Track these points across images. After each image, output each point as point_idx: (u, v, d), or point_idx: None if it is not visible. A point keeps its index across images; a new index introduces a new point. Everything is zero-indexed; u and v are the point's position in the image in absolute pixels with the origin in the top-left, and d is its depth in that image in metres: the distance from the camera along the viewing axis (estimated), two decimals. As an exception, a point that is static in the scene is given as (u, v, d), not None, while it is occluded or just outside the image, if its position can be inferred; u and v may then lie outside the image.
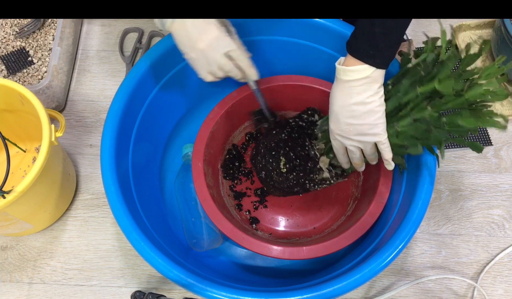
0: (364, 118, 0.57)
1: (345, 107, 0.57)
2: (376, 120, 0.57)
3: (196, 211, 0.75)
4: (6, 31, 0.92)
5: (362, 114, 0.57)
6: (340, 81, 0.57)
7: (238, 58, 0.62)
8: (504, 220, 0.80)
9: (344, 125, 0.59)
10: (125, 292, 0.75)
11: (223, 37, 0.59)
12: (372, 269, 0.58)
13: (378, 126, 0.57)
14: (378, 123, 0.57)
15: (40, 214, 0.74)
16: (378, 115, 0.57)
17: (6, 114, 0.76)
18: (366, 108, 0.56)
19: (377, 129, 0.58)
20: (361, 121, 0.57)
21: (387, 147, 0.60)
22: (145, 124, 0.75)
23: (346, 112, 0.57)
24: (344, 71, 0.55)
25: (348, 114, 0.57)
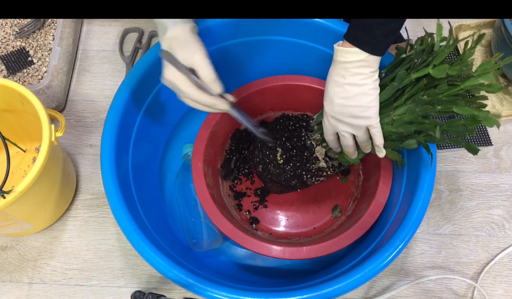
0: (357, 100, 0.57)
1: (339, 88, 0.58)
2: (368, 103, 0.57)
3: (196, 211, 0.75)
4: (6, 31, 0.92)
5: (355, 96, 0.57)
6: (336, 62, 0.58)
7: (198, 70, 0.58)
8: (504, 220, 0.80)
9: (337, 106, 0.59)
10: (125, 292, 0.75)
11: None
12: (372, 269, 0.58)
13: (370, 109, 0.58)
14: (371, 106, 0.58)
15: (40, 214, 0.74)
16: (371, 98, 0.57)
17: (6, 114, 0.76)
18: (359, 89, 0.57)
19: (369, 112, 0.58)
20: (353, 103, 0.58)
21: (378, 132, 0.60)
22: (145, 124, 0.75)
23: (340, 93, 0.58)
24: (341, 52, 0.56)
25: (341, 95, 0.58)
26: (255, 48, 0.79)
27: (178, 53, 0.57)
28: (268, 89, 0.78)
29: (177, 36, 0.58)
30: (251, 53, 0.80)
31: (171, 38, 0.58)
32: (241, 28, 0.75)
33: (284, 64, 0.81)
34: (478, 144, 0.86)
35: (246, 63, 0.82)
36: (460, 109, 0.56)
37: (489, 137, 0.86)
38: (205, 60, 0.58)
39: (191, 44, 0.58)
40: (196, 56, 0.57)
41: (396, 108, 0.60)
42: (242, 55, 0.80)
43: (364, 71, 0.56)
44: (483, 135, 0.86)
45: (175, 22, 0.58)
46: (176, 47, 0.58)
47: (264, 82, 0.78)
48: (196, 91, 0.58)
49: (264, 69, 0.81)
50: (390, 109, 0.60)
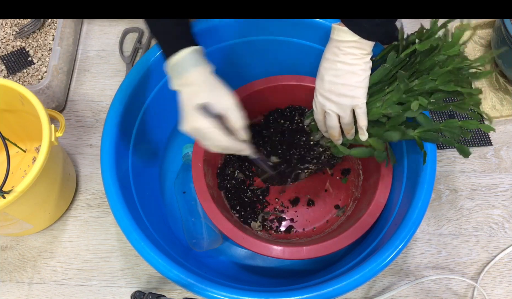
0: (346, 78, 0.58)
1: (330, 65, 0.60)
2: (357, 83, 0.58)
3: (196, 211, 0.75)
4: (6, 31, 0.92)
5: (344, 74, 0.58)
6: (332, 40, 0.60)
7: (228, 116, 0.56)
8: (504, 220, 0.80)
9: (327, 83, 0.60)
10: (125, 292, 0.75)
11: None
12: (372, 269, 0.58)
13: (358, 89, 0.59)
14: (359, 86, 0.59)
15: (40, 214, 0.74)
16: (360, 78, 0.58)
17: (6, 114, 0.76)
18: (349, 68, 0.58)
19: (356, 92, 0.59)
20: (342, 81, 0.59)
21: (363, 113, 0.60)
22: (145, 124, 0.75)
23: (331, 70, 0.60)
24: (337, 31, 0.58)
25: (332, 72, 0.59)
26: (255, 48, 0.79)
27: (209, 98, 0.55)
28: (268, 89, 0.78)
29: (200, 80, 0.55)
30: (251, 53, 0.80)
31: (192, 82, 0.55)
32: (242, 28, 0.75)
33: (284, 64, 0.81)
34: (478, 144, 0.86)
35: (246, 63, 0.82)
36: (446, 86, 0.57)
37: (489, 137, 0.86)
38: (236, 106, 0.56)
39: (220, 88, 0.56)
40: (227, 102, 0.56)
41: (388, 94, 0.61)
42: (243, 55, 0.80)
43: (355, 52, 0.57)
44: (483, 135, 0.86)
45: (195, 63, 0.55)
46: (204, 92, 0.55)
47: (264, 82, 0.78)
48: (227, 139, 0.55)
49: (264, 69, 0.81)
50: (383, 94, 0.61)
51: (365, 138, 0.63)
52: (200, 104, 0.54)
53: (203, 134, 0.55)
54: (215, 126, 0.55)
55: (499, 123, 0.87)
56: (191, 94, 0.55)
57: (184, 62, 0.55)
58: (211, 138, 0.55)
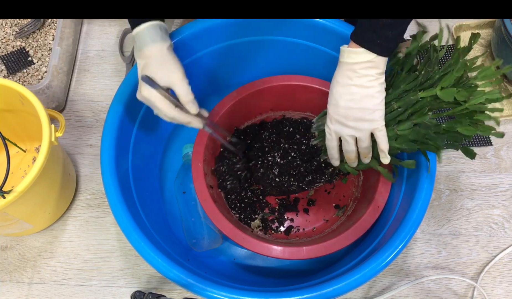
0: (363, 102, 0.56)
1: (345, 89, 0.57)
2: (375, 106, 0.57)
3: (196, 211, 0.75)
4: (6, 31, 0.92)
5: (361, 98, 0.56)
6: (342, 64, 0.57)
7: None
8: (504, 220, 0.80)
9: (343, 109, 0.58)
10: (125, 292, 0.75)
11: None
12: (372, 269, 0.58)
13: (376, 112, 0.57)
14: (377, 109, 0.57)
15: (40, 214, 0.74)
16: (377, 101, 0.57)
17: (6, 114, 0.76)
18: (366, 91, 0.56)
19: (375, 115, 0.57)
20: (359, 105, 0.57)
21: (383, 136, 0.59)
22: (145, 124, 0.75)
23: (346, 95, 0.57)
24: (348, 53, 0.56)
25: (347, 97, 0.57)
26: (256, 48, 0.79)
27: (156, 72, 0.58)
28: (268, 89, 0.78)
29: (154, 55, 0.58)
30: (251, 53, 0.80)
31: (147, 56, 0.59)
32: (242, 28, 0.75)
33: (285, 64, 0.81)
34: (478, 144, 0.86)
35: (246, 63, 0.82)
36: (464, 128, 0.56)
37: (489, 137, 0.86)
38: (183, 80, 0.59)
39: (169, 63, 0.59)
40: (173, 76, 0.58)
41: (400, 123, 0.60)
42: (243, 55, 0.80)
43: (371, 73, 0.55)
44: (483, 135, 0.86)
45: (153, 39, 0.58)
46: (153, 66, 0.58)
47: (264, 82, 0.78)
48: (172, 110, 0.59)
49: (264, 69, 0.81)
50: (394, 122, 0.60)
51: (388, 161, 0.61)
52: (146, 76, 0.58)
53: (152, 104, 0.59)
54: (162, 97, 0.58)
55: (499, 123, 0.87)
56: (143, 66, 0.59)
57: (143, 35, 0.59)
58: (158, 107, 0.59)
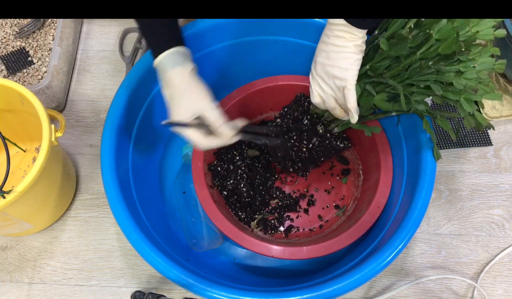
0: (336, 61, 0.59)
1: (323, 47, 0.61)
2: (347, 65, 0.58)
3: (196, 211, 0.75)
4: (6, 31, 0.92)
5: (335, 56, 0.59)
6: (327, 23, 0.60)
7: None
8: (504, 220, 0.80)
9: (319, 65, 0.61)
10: (125, 292, 0.75)
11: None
12: (372, 269, 0.58)
13: (348, 71, 0.59)
14: (349, 68, 0.59)
15: (40, 214, 0.74)
16: (350, 61, 0.58)
17: (6, 114, 0.76)
18: (339, 50, 0.58)
19: (346, 74, 0.59)
20: (332, 62, 0.59)
21: (352, 95, 0.60)
22: (145, 124, 0.75)
23: (323, 52, 0.60)
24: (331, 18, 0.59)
25: (324, 55, 0.60)
26: (255, 48, 0.79)
27: (183, 102, 0.58)
28: (268, 89, 0.78)
29: (178, 83, 0.58)
30: (251, 53, 0.80)
31: (171, 84, 0.58)
32: (242, 28, 0.75)
33: (284, 64, 0.81)
34: (478, 144, 0.86)
35: (246, 63, 0.82)
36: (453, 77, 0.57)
37: (489, 137, 0.86)
38: (211, 106, 0.59)
39: (194, 90, 0.59)
40: (201, 103, 0.58)
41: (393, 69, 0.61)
42: (243, 55, 0.80)
43: (345, 35, 0.57)
44: (483, 135, 0.86)
45: (173, 65, 0.58)
46: (178, 97, 0.58)
47: (264, 82, 0.78)
48: (206, 140, 0.59)
49: (264, 69, 0.81)
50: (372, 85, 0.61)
51: (355, 121, 0.62)
52: (170, 123, 0.59)
53: (185, 137, 0.59)
54: (193, 130, 0.58)
55: (499, 123, 0.87)
56: (169, 98, 0.59)
57: (164, 63, 0.59)
58: (192, 140, 0.59)
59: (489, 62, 0.56)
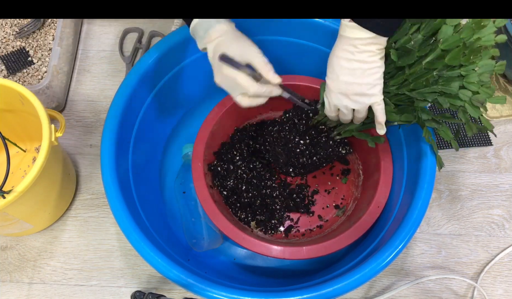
0: (364, 77, 0.57)
1: (346, 64, 0.57)
2: (375, 81, 0.57)
3: (196, 211, 0.75)
4: (6, 31, 0.92)
5: (362, 73, 0.57)
6: (343, 38, 0.57)
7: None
8: (504, 220, 0.80)
9: (343, 84, 0.58)
10: (125, 292, 0.75)
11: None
12: (372, 269, 0.58)
13: (376, 86, 0.58)
14: (377, 84, 0.58)
15: (40, 214, 0.74)
16: (377, 75, 0.57)
17: (6, 114, 0.76)
18: (367, 66, 0.56)
19: (374, 90, 0.58)
20: (360, 80, 0.57)
21: (381, 109, 0.59)
22: (145, 124, 0.75)
23: (347, 69, 0.57)
24: (350, 28, 0.55)
25: (348, 72, 0.57)
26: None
27: (231, 48, 0.58)
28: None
29: (225, 33, 0.59)
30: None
31: (218, 35, 0.59)
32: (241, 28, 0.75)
33: (284, 64, 0.81)
34: (478, 144, 0.86)
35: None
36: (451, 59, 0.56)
37: (489, 137, 0.86)
38: (259, 52, 0.59)
39: (242, 39, 0.59)
40: (250, 50, 0.58)
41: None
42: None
43: (372, 49, 0.55)
44: (483, 135, 0.86)
45: (218, 21, 0.59)
46: (226, 43, 0.58)
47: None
48: (255, 84, 0.58)
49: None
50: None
51: (384, 131, 0.62)
52: (224, 54, 0.57)
53: (234, 82, 0.58)
54: (244, 75, 0.57)
55: (499, 123, 0.87)
56: (215, 47, 0.59)
57: (205, 21, 0.59)
58: (241, 84, 0.57)
59: (490, 65, 0.56)
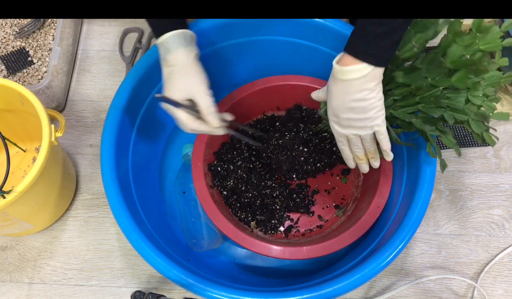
0: (364, 113, 0.57)
1: (344, 104, 0.57)
2: (375, 114, 0.57)
3: (196, 211, 0.75)
4: (6, 31, 0.92)
5: (362, 110, 0.57)
6: (337, 80, 0.56)
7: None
8: (504, 220, 0.80)
9: (345, 120, 0.59)
10: (125, 292, 0.75)
11: None
12: (372, 269, 0.58)
13: (377, 118, 0.58)
14: (378, 116, 0.57)
15: (40, 214, 0.74)
16: (377, 108, 0.57)
17: (6, 114, 0.76)
18: (365, 104, 0.56)
19: (376, 121, 0.58)
20: (361, 116, 0.57)
21: (385, 138, 0.59)
22: (145, 124, 0.75)
23: (345, 109, 0.57)
24: (342, 72, 0.54)
25: (347, 111, 0.57)
26: (255, 48, 0.79)
27: (179, 82, 0.58)
28: (268, 89, 0.78)
29: (179, 63, 0.59)
30: (251, 53, 0.80)
31: (172, 63, 0.59)
32: (241, 28, 0.76)
33: (284, 64, 0.81)
34: (478, 144, 0.86)
35: (246, 63, 0.82)
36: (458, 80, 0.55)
37: (489, 137, 0.86)
38: (205, 92, 0.59)
39: (193, 73, 0.59)
40: (196, 88, 0.59)
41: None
42: (242, 55, 0.80)
43: (369, 86, 0.54)
44: (483, 135, 0.86)
45: (178, 46, 0.58)
46: (176, 76, 0.59)
47: (264, 82, 0.78)
48: (193, 122, 0.59)
49: (264, 69, 0.81)
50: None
51: (391, 158, 0.62)
52: (162, 97, 0.59)
53: (173, 116, 0.60)
54: (184, 112, 0.58)
55: (499, 123, 0.87)
56: (167, 76, 0.59)
57: (169, 42, 0.59)
58: (178, 120, 0.59)
59: (497, 76, 0.55)
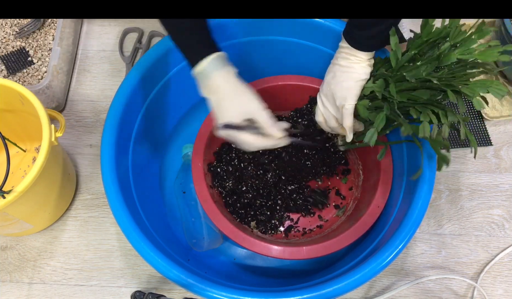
0: (340, 80, 0.61)
1: (330, 67, 0.64)
2: (349, 86, 0.60)
3: (196, 211, 0.75)
4: (6, 31, 0.92)
5: (339, 76, 0.61)
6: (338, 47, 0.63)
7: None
8: (504, 220, 0.80)
9: (325, 85, 0.64)
10: (125, 292, 0.75)
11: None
12: (372, 269, 0.58)
13: (349, 90, 0.61)
14: (350, 88, 0.60)
15: (40, 214, 0.74)
16: (353, 82, 0.60)
17: (6, 114, 0.76)
18: (344, 70, 0.61)
19: (347, 94, 0.61)
20: (336, 81, 0.62)
21: (348, 114, 0.61)
22: (145, 124, 0.75)
23: (330, 72, 0.64)
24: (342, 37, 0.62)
25: (330, 75, 0.63)
26: (255, 48, 0.79)
27: (232, 107, 0.57)
28: (268, 89, 0.78)
29: (224, 87, 0.58)
30: (251, 53, 0.80)
31: (216, 89, 0.58)
32: (241, 28, 0.75)
33: (284, 64, 0.81)
34: (478, 144, 0.86)
35: (246, 63, 0.81)
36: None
37: (489, 137, 0.86)
38: (261, 108, 0.58)
39: (243, 92, 0.58)
40: (251, 105, 0.58)
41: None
42: (242, 55, 0.80)
43: (350, 58, 0.60)
44: (483, 135, 0.86)
45: (217, 69, 0.57)
46: (227, 101, 0.58)
47: (264, 82, 0.78)
48: (258, 140, 0.58)
49: (264, 69, 0.81)
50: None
51: (350, 140, 0.64)
52: (224, 125, 0.58)
53: (236, 140, 0.58)
54: (247, 133, 0.58)
55: (499, 123, 0.87)
56: (217, 104, 0.58)
57: (206, 70, 0.57)
58: (244, 142, 0.58)
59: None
